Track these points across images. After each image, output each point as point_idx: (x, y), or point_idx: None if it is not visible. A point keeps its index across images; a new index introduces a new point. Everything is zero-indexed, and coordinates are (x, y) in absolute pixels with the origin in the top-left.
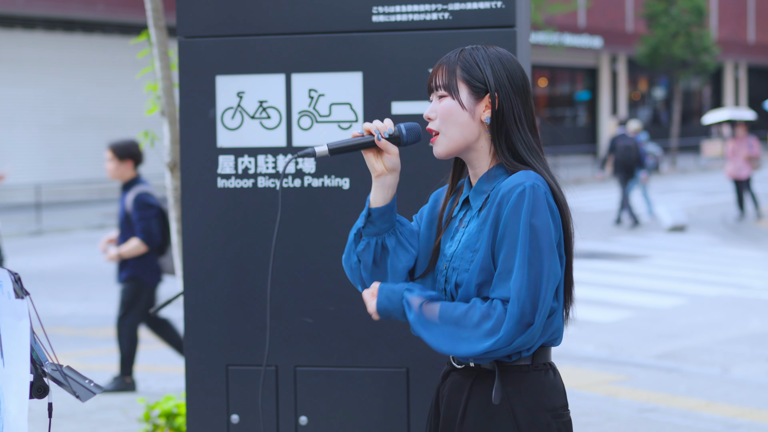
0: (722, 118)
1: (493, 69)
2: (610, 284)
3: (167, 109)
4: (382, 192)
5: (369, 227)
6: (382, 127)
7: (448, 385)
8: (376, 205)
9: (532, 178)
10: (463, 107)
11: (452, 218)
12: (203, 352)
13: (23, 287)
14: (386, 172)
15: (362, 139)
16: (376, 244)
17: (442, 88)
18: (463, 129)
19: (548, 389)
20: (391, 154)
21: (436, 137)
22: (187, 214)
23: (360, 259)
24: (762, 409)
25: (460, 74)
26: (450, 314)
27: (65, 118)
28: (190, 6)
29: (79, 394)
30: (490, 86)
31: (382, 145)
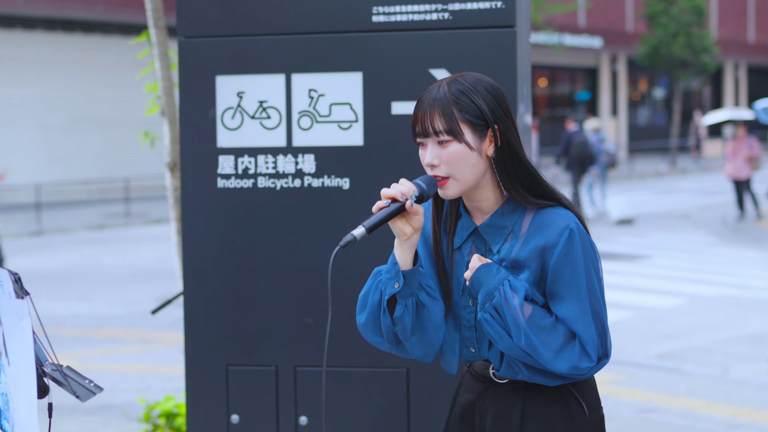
0: (722, 118)
1: (486, 102)
2: (610, 284)
3: (167, 109)
4: (411, 252)
5: (405, 290)
6: (407, 191)
7: (491, 399)
8: (407, 267)
9: (571, 219)
10: (472, 148)
11: (455, 250)
12: (203, 352)
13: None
14: (414, 233)
15: (394, 207)
16: (413, 303)
17: (444, 134)
18: (473, 169)
19: (593, 387)
20: (419, 215)
21: (445, 181)
22: (187, 214)
23: (397, 323)
24: (762, 409)
25: (460, 116)
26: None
27: (65, 118)
28: (190, 6)
29: (79, 394)
30: (489, 120)
31: (414, 209)
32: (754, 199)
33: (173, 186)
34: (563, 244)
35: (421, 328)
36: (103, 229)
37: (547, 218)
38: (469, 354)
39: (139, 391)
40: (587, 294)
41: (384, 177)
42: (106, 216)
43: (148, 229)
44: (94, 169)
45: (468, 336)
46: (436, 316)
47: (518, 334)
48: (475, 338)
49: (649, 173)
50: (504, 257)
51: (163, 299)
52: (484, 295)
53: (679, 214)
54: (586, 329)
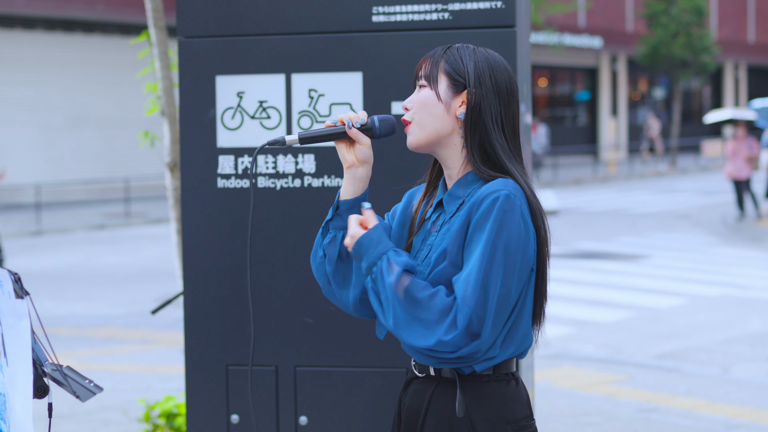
0: (724, 117)
1: (477, 66)
2: (610, 284)
3: (167, 109)
4: (353, 184)
5: (337, 220)
6: (354, 117)
7: (409, 393)
8: (346, 197)
9: (509, 187)
10: (439, 98)
11: (425, 220)
12: (203, 352)
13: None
14: (357, 164)
15: (334, 129)
16: (343, 237)
17: (423, 78)
18: (435, 120)
19: (509, 400)
20: (362, 145)
21: (409, 127)
22: (187, 214)
23: (325, 252)
24: (762, 409)
25: (443, 66)
26: (414, 293)
27: (65, 118)
28: (190, 6)
29: (79, 394)
30: (469, 81)
31: (353, 134)
32: (754, 199)
33: (173, 186)
34: (485, 207)
35: (347, 266)
36: (103, 229)
37: (488, 185)
38: None
39: (139, 391)
40: (485, 266)
41: (384, 177)
42: (106, 216)
43: (148, 229)
44: (94, 169)
45: None
46: None
47: (387, 313)
48: None
49: (649, 173)
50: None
51: (163, 299)
52: (365, 267)
53: (679, 214)
54: (463, 295)
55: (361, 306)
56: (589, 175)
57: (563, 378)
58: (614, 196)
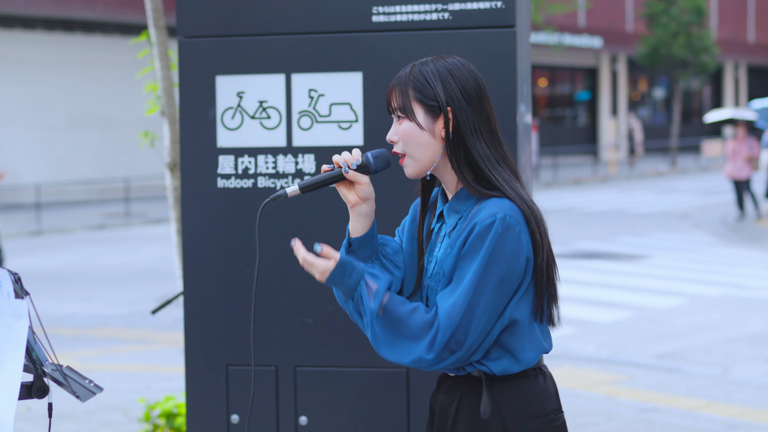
0: (724, 116)
1: (444, 83)
2: (610, 284)
3: (167, 109)
4: (360, 221)
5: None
6: (350, 159)
7: (442, 392)
8: (356, 235)
9: (504, 209)
10: (422, 128)
11: (431, 232)
12: (203, 352)
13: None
14: (360, 202)
15: (331, 173)
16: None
17: (399, 111)
18: (426, 149)
19: (538, 395)
20: (362, 184)
21: (403, 159)
22: (187, 214)
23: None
24: (762, 409)
25: (413, 95)
26: (394, 310)
27: (65, 118)
28: (190, 6)
29: (79, 394)
30: (441, 103)
31: (351, 177)
32: (754, 199)
33: (173, 186)
34: (479, 230)
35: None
36: (103, 229)
37: (484, 206)
38: None
39: (139, 391)
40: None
41: (384, 177)
42: (106, 216)
43: (148, 229)
44: (94, 169)
45: None
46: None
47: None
48: None
49: (649, 173)
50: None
51: (163, 299)
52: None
53: (679, 214)
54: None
55: None
56: (589, 175)
57: (563, 378)
58: (614, 196)
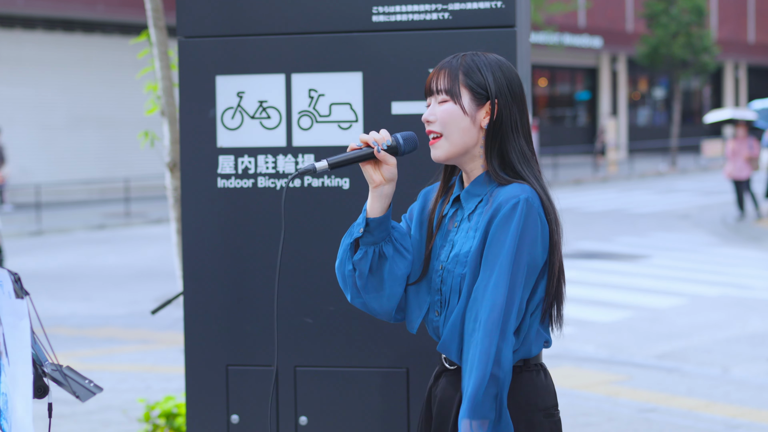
0: (724, 117)
1: (495, 76)
2: (610, 284)
3: (167, 109)
4: (380, 202)
5: (367, 237)
6: (380, 139)
7: (441, 385)
8: (374, 215)
9: (527, 192)
10: (465, 112)
11: (443, 217)
12: (203, 352)
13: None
14: (384, 183)
15: (361, 151)
16: (374, 253)
17: (444, 93)
18: (464, 134)
19: (540, 389)
20: (389, 165)
21: (436, 140)
22: (187, 214)
23: (356, 267)
24: (762, 409)
25: (463, 80)
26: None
27: (65, 118)
28: (190, 6)
29: (79, 394)
30: (491, 93)
31: (381, 156)
32: (754, 199)
33: (173, 186)
34: (506, 212)
35: (379, 278)
36: (103, 229)
37: (505, 190)
38: (434, 318)
39: (139, 391)
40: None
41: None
42: (106, 216)
43: (148, 229)
44: (94, 169)
45: (435, 299)
46: (397, 270)
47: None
48: (439, 302)
49: (649, 173)
50: (476, 226)
51: (163, 299)
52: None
53: (679, 214)
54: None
55: (396, 312)
56: (589, 175)
57: (563, 378)
58: (614, 196)
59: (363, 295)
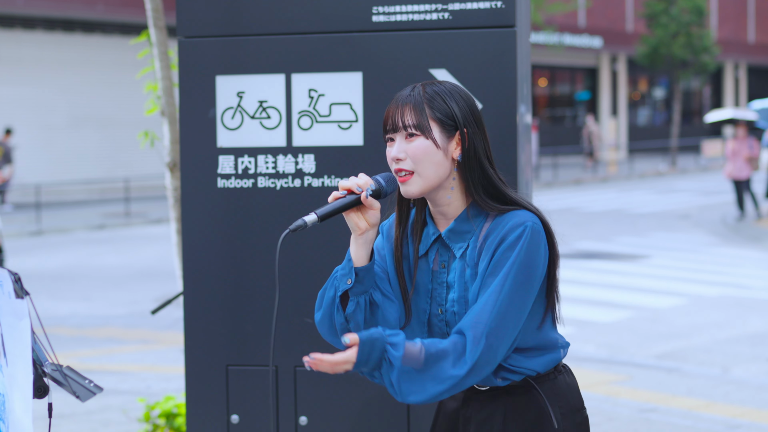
0: (725, 116)
1: (458, 105)
2: (610, 284)
3: (167, 109)
4: (365, 249)
5: (357, 287)
6: (364, 184)
7: (474, 407)
8: (361, 263)
9: (531, 218)
10: (438, 146)
11: (420, 258)
12: (203, 352)
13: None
14: (369, 228)
15: (347, 199)
16: (365, 302)
17: (412, 128)
18: (437, 168)
19: (573, 389)
20: (374, 210)
21: (408, 177)
22: (187, 214)
23: (349, 320)
24: (762, 409)
25: (430, 113)
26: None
27: (65, 118)
28: (190, 6)
29: (79, 394)
30: (459, 122)
31: (368, 202)
32: (754, 199)
33: (173, 186)
34: (510, 240)
35: (373, 325)
36: (103, 229)
37: (506, 218)
38: None
39: (139, 391)
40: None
41: None
42: (106, 216)
43: (148, 229)
44: (94, 169)
45: None
46: (390, 317)
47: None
48: None
49: (649, 173)
50: (468, 262)
51: (163, 299)
52: (371, 369)
53: (679, 214)
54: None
55: None
56: (589, 175)
57: None
58: (614, 196)
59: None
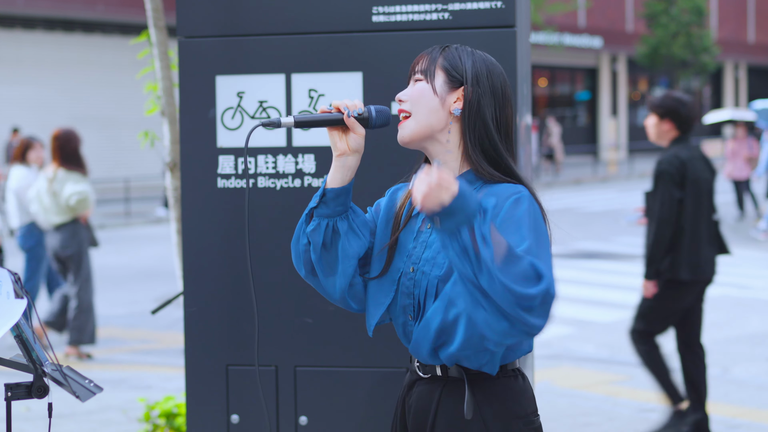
0: (723, 118)
1: (474, 65)
2: (610, 284)
3: (167, 109)
4: (341, 172)
5: (322, 208)
6: (352, 105)
7: (414, 396)
8: (333, 185)
9: (525, 190)
10: (435, 92)
11: (412, 217)
12: (203, 352)
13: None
14: (348, 152)
15: (330, 115)
16: (327, 226)
17: (420, 73)
18: (430, 114)
19: (518, 395)
20: (357, 135)
21: (404, 120)
22: (187, 214)
23: (310, 240)
24: (762, 409)
25: (440, 62)
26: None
27: (65, 118)
28: (190, 6)
29: (79, 394)
30: (466, 79)
31: (350, 123)
32: (754, 199)
33: (173, 186)
34: (511, 203)
35: (333, 256)
36: (103, 229)
37: (500, 187)
38: (409, 322)
39: (139, 391)
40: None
41: (384, 177)
42: (106, 216)
43: (148, 229)
44: (94, 169)
45: (407, 303)
46: (349, 248)
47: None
48: (412, 306)
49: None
50: None
51: (163, 299)
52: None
53: None
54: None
55: (349, 297)
56: (589, 175)
57: (563, 378)
58: (614, 196)
59: (318, 272)
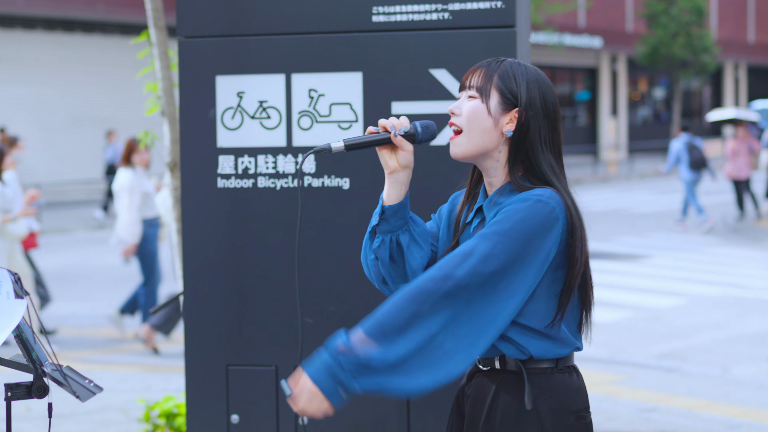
0: (727, 116)
1: (529, 87)
2: (610, 284)
3: (167, 109)
4: (396, 189)
5: (383, 224)
6: (398, 124)
7: (473, 386)
8: (390, 202)
9: (545, 195)
10: (490, 113)
11: (467, 224)
12: (203, 352)
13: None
14: (399, 169)
15: (378, 135)
16: (391, 241)
17: (475, 89)
18: (483, 134)
19: (572, 391)
20: (405, 151)
21: (456, 136)
22: (187, 214)
23: (377, 256)
24: (762, 409)
25: (496, 81)
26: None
27: (65, 118)
28: (190, 6)
29: (79, 394)
30: (521, 101)
31: (398, 142)
32: (754, 199)
33: (173, 186)
34: (516, 201)
35: (402, 268)
36: (104, 229)
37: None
38: None
39: (139, 391)
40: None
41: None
42: (106, 216)
43: None
44: (94, 169)
45: None
46: (413, 261)
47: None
48: None
49: (650, 173)
50: None
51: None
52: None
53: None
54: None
55: None
56: (589, 175)
57: None
58: (614, 196)
59: (390, 284)
